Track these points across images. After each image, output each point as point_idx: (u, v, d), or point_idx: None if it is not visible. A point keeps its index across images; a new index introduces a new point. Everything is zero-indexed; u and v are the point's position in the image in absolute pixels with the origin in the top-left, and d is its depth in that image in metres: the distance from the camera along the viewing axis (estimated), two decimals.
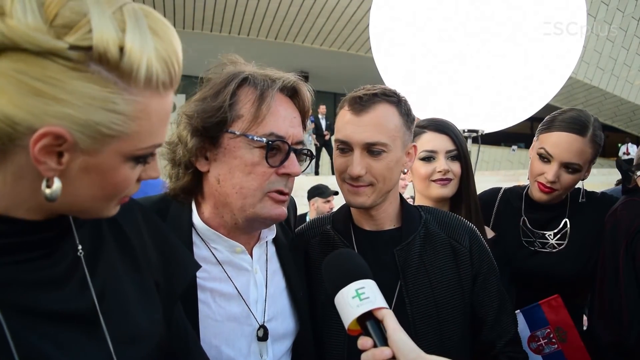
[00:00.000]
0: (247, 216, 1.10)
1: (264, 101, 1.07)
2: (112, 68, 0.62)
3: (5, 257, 0.67)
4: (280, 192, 1.11)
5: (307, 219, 5.72)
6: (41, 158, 0.62)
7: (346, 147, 1.29)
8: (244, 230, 1.15)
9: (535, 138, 1.85)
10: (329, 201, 5.64)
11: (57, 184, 0.64)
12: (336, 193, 5.80)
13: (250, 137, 1.06)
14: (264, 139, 1.06)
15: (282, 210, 1.13)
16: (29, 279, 0.69)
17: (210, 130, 1.07)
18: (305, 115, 1.19)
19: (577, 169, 1.72)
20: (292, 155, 1.10)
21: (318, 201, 5.60)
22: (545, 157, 1.74)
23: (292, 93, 1.15)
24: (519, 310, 1.61)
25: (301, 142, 1.15)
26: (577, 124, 1.69)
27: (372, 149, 1.26)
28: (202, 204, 1.16)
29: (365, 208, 1.32)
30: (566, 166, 1.71)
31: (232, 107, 1.07)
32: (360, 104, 1.26)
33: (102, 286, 0.78)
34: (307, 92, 1.17)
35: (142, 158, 0.71)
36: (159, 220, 1.00)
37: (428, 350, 1.23)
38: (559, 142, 1.70)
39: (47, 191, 0.64)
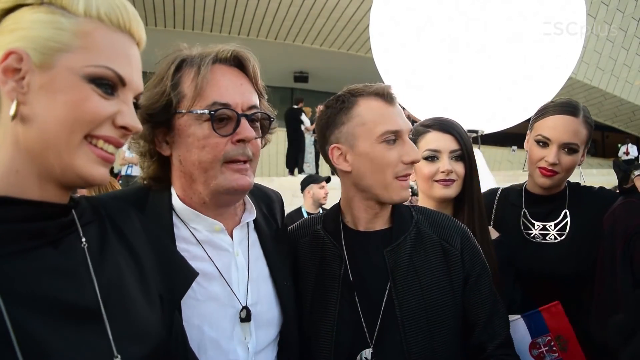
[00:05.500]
0: (212, 190, 1.12)
1: (200, 74, 1.10)
2: (57, 5, 0.76)
3: (10, 246, 0.70)
4: (239, 161, 1.12)
5: (303, 209, 5.71)
6: (3, 77, 0.72)
7: (396, 138, 1.30)
8: (214, 207, 1.17)
9: (529, 130, 1.91)
10: (323, 187, 5.68)
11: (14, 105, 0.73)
12: (328, 179, 5.80)
13: (194, 112, 1.09)
14: (206, 111, 1.08)
15: (245, 179, 1.13)
16: (34, 268, 0.71)
17: (158, 116, 1.11)
18: (256, 82, 1.19)
19: (575, 149, 1.79)
20: (244, 121, 1.11)
21: (313, 188, 5.64)
22: (543, 142, 1.80)
23: (236, 63, 1.17)
24: (519, 316, 1.58)
25: (254, 107, 1.15)
26: (569, 107, 1.80)
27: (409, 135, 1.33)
28: (175, 189, 1.19)
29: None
30: (565, 147, 1.78)
31: (174, 88, 1.11)
32: (392, 96, 1.32)
33: (107, 282, 0.80)
34: (250, 58, 1.18)
35: (99, 80, 0.76)
36: (157, 228, 1.04)
37: (418, 352, 1.23)
38: (556, 125, 1.78)
39: (11, 111, 0.72)
